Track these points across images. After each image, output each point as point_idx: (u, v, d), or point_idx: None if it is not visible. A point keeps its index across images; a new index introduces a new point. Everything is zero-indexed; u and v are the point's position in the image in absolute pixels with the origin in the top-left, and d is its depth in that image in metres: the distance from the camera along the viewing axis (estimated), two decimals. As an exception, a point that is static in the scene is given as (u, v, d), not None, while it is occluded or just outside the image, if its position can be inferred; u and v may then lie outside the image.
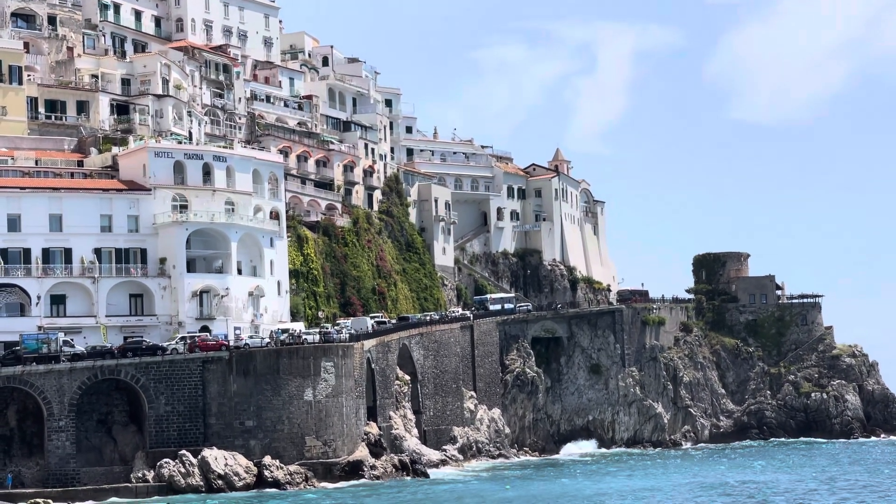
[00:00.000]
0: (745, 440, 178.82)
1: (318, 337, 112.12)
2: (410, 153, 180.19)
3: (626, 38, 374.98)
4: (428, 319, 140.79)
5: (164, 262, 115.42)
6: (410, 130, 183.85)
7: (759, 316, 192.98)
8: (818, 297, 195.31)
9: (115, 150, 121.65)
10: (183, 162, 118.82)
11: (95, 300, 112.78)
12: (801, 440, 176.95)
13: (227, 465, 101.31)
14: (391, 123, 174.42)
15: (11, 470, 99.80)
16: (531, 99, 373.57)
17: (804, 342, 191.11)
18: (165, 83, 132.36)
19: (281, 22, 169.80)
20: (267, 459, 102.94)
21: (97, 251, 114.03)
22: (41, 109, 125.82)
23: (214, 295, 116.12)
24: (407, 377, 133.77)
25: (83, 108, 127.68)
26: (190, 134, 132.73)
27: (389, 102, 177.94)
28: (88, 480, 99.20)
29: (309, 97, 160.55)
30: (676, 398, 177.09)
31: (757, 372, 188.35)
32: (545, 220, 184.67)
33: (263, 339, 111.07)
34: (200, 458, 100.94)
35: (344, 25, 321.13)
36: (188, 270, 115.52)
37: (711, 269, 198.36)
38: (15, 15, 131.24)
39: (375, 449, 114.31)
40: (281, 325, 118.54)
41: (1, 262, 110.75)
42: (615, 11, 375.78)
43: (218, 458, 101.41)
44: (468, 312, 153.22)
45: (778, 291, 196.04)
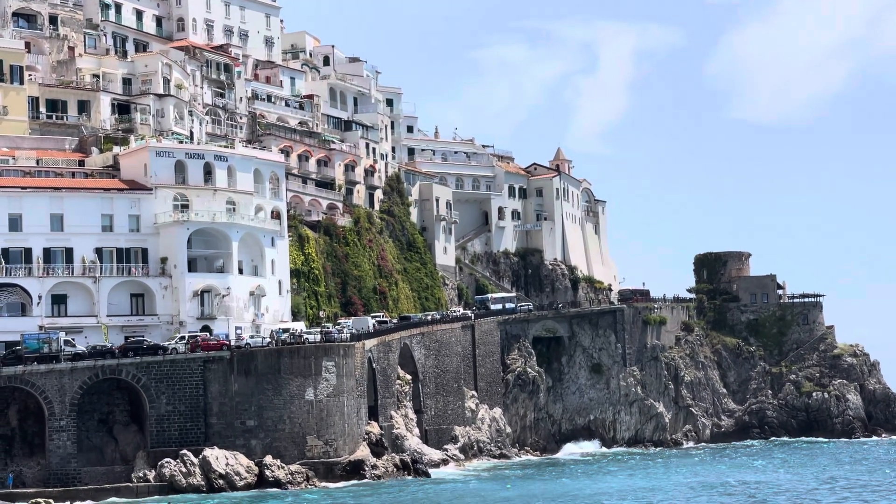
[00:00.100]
0: (746, 440, 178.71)
1: (319, 336, 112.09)
2: (411, 153, 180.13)
3: (626, 37, 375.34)
4: (429, 319, 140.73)
5: (165, 261, 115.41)
6: (411, 130, 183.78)
7: (760, 315, 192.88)
8: (819, 296, 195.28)
9: (116, 149, 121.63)
10: (184, 161, 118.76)
11: (96, 300, 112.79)
12: (802, 440, 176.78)
13: (228, 464, 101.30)
14: (392, 123, 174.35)
15: (12, 469, 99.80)
16: (532, 98, 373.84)
17: (805, 342, 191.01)
18: (167, 83, 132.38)
19: (282, 21, 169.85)
20: (268, 459, 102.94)
21: (98, 251, 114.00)
22: (42, 109, 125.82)
23: (215, 294, 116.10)
24: (408, 377, 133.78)
25: (84, 107, 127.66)
26: (191, 133, 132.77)
27: (390, 102, 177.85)
28: (89, 480, 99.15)
29: (310, 97, 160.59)
30: (678, 398, 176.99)
31: (758, 371, 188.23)
32: (546, 219, 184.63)
33: (264, 338, 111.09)
34: (201, 457, 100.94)
35: (345, 25, 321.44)
36: (189, 270, 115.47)
37: (713, 268, 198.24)
38: (16, 15, 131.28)
39: (377, 448, 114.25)
40: (282, 324, 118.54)
41: (2, 261, 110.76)
42: (616, 11, 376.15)
43: (219, 457, 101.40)
44: (469, 312, 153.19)
45: (779, 291, 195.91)
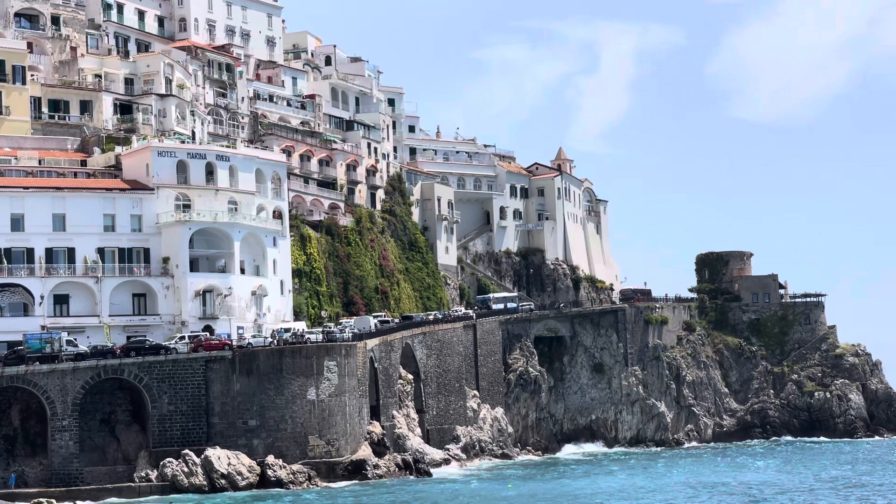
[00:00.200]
0: (748, 439, 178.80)
1: (321, 336, 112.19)
2: (413, 152, 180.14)
3: (628, 37, 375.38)
4: (431, 319, 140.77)
5: (167, 261, 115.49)
6: (413, 130, 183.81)
7: (762, 315, 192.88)
8: (821, 296, 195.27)
9: (118, 149, 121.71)
10: (186, 161, 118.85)
11: (98, 300, 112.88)
12: (804, 439, 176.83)
13: (230, 464, 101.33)
14: (394, 123, 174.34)
15: (15, 469, 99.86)
16: (534, 98, 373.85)
17: (807, 341, 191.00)
18: (168, 83, 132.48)
19: (284, 21, 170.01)
20: (270, 459, 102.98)
21: (100, 251, 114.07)
22: (44, 109, 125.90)
23: (217, 294, 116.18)
24: (410, 376, 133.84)
25: (86, 107, 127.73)
26: (193, 133, 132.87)
27: (392, 102, 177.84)
28: (91, 480, 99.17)
29: (312, 96, 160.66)
30: (679, 397, 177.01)
31: (760, 371, 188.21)
32: (548, 219, 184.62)
33: (266, 338, 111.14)
34: (203, 457, 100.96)
35: (347, 25, 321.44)
36: (191, 270, 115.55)
37: (714, 268, 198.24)
38: (18, 15, 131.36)
39: (378, 448, 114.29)
40: (284, 324, 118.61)
41: (4, 261, 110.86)
42: (617, 11, 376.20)
43: (221, 457, 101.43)
44: (471, 312, 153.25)
45: (781, 290, 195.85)
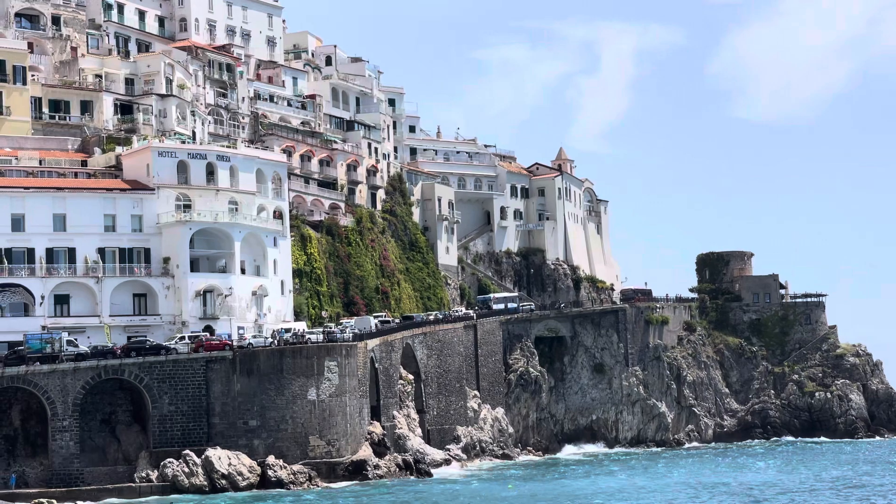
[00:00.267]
0: (748, 440, 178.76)
1: (321, 336, 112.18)
2: (414, 152, 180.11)
3: (628, 37, 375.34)
4: (431, 319, 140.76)
5: (167, 261, 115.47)
6: (414, 130, 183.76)
7: (762, 315, 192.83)
8: (822, 296, 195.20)
9: (118, 149, 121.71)
10: (186, 161, 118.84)
11: (99, 300, 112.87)
12: (804, 440, 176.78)
13: (230, 464, 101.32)
14: (394, 123, 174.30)
15: (15, 470, 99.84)
16: (534, 98, 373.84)
17: (808, 341, 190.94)
18: (169, 83, 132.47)
19: (284, 21, 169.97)
20: (270, 459, 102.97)
21: (101, 251, 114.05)
22: (45, 109, 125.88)
23: (218, 294, 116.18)
24: (410, 376, 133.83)
25: (87, 107, 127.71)
26: (193, 133, 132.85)
27: (393, 102, 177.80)
28: (92, 480, 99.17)
29: (312, 97, 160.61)
30: (680, 397, 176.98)
31: (761, 371, 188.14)
32: (548, 219, 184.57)
33: (267, 338, 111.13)
34: (204, 457, 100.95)
35: (347, 25, 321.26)
36: (192, 270, 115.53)
37: (715, 268, 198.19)
38: (19, 15, 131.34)
39: (379, 448, 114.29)
40: (284, 324, 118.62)
41: (5, 261, 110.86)
42: (617, 11, 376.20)
43: (221, 457, 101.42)
44: (472, 312, 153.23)
45: (781, 290, 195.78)
